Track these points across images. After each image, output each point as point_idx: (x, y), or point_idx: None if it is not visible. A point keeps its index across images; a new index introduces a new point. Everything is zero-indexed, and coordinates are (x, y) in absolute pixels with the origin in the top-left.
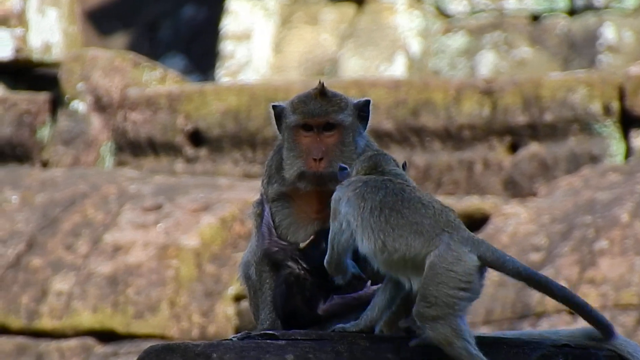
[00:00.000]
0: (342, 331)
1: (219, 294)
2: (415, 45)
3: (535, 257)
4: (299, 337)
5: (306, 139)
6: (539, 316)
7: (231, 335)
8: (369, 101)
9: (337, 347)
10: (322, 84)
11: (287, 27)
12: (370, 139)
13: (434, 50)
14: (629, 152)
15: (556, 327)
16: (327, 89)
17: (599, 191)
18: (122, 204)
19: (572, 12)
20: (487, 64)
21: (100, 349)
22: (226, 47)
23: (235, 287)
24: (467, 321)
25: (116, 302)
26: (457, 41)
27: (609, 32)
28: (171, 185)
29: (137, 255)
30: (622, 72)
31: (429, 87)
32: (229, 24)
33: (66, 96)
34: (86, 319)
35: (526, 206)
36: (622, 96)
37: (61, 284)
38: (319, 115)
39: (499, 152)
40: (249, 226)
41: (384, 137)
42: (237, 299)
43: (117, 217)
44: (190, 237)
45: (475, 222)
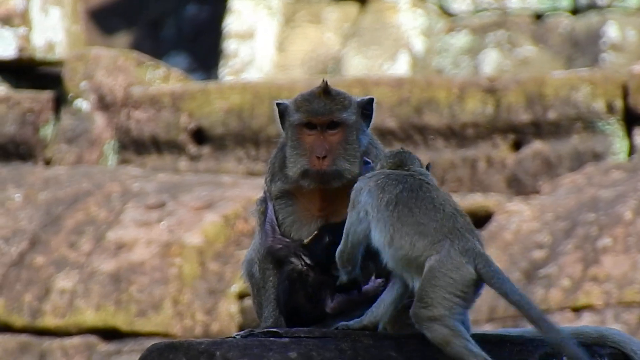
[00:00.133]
0: (345, 329)
1: (222, 292)
2: (418, 44)
3: (538, 254)
4: (303, 335)
5: (310, 137)
6: None
7: (234, 333)
8: (372, 99)
9: (340, 345)
10: (326, 82)
11: (290, 26)
12: (373, 137)
13: (437, 48)
14: (632, 150)
15: (559, 324)
16: (330, 87)
17: (602, 189)
18: (125, 202)
19: (575, 11)
20: (490, 62)
21: (103, 347)
22: (229, 45)
23: (238, 285)
24: (470, 318)
25: (119, 300)
26: (461, 40)
27: (612, 31)
28: (174, 183)
29: (140, 253)
30: (626, 71)
31: (432, 86)
32: (232, 23)
33: (69, 95)
34: (89, 317)
35: (529, 204)
36: (625, 94)
37: (64, 282)
38: (323, 114)
39: (502, 150)
40: (253, 224)
41: (388, 135)
42: (241, 296)
43: (120, 215)
44: (193, 235)
45: (478, 219)
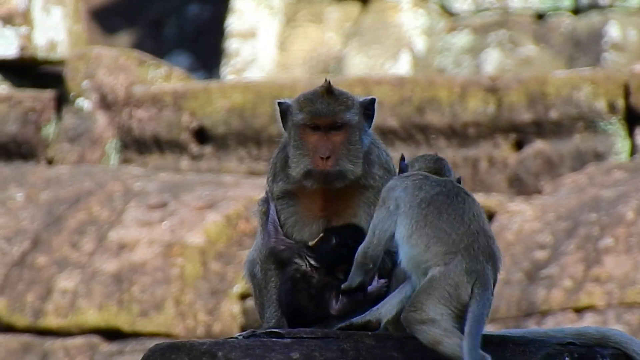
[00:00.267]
0: (348, 325)
1: (224, 292)
2: (420, 43)
3: (540, 254)
4: (305, 336)
5: (313, 137)
6: (544, 314)
7: (237, 333)
8: (374, 100)
9: (342, 346)
10: (329, 82)
11: (291, 26)
12: (375, 137)
13: (439, 48)
14: (634, 150)
15: (561, 325)
16: (333, 87)
17: (604, 189)
18: (127, 201)
19: (576, 11)
20: (492, 62)
21: (105, 347)
22: (231, 45)
23: (240, 285)
24: None
25: (121, 300)
26: (462, 39)
27: (614, 31)
28: (176, 182)
29: (142, 253)
30: (627, 70)
31: (434, 85)
32: (234, 22)
33: (71, 94)
34: (91, 317)
35: (531, 204)
36: (627, 94)
37: (66, 282)
38: (327, 115)
39: (504, 150)
40: (254, 224)
41: (389, 134)
42: (243, 297)
43: (122, 215)
44: (195, 235)
45: None
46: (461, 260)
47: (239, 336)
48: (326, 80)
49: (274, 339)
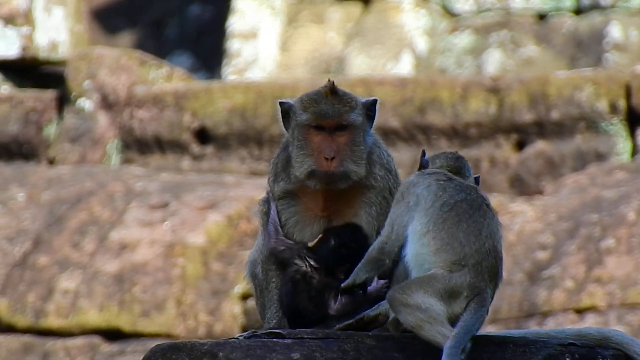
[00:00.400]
0: (359, 320)
1: (225, 293)
2: (421, 43)
3: (541, 255)
4: (306, 336)
5: (317, 137)
6: (546, 315)
7: (237, 334)
8: (376, 100)
9: (343, 346)
10: (333, 82)
11: (293, 26)
12: (376, 137)
13: (441, 48)
14: (635, 150)
15: (562, 326)
16: (337, 87)
17: (606, 189)
18: (128, 201)
19: (578, 11)
20: (493, 62)
21: (106, 347)
22: (233, 45)
23: (241, 286)
24: None
25: (122, 301)
26: (464, 40)
27: (615, 31)
28: (177, 183)
29: (144, 253)
30: (629, 71)
31: (435, 85)
32: (235, 23)
33: (72, 94)
34: (92, 317)
35: (533, 204)
36: (628, 94)
37: (67, 282)
38: (333, 116)
39: (505, 150)
40: (256, 224)
41: (391, 134)
42: (244, 297)
43: (123, 215)
44: (196, 235)
45: None
46: (466, 273)
47: (240, 337)
48: (330, 80)
49: (274, 340)
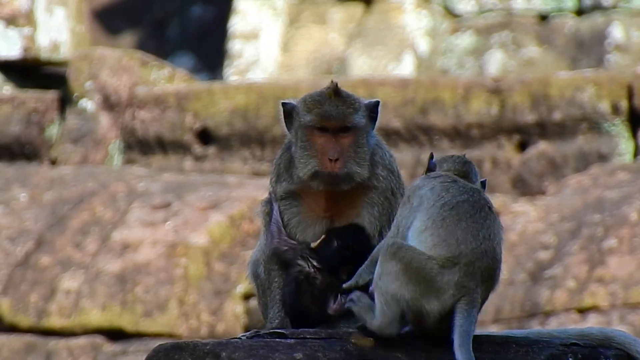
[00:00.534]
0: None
1: (227, 293)
2: (423, 44)
3: (544, 255)
4: (308, 336)
5: (321, 138)
6: (548, 315)
7: (240, 333)
8: (378, 102)
9: (346, 346)
10: (336, 84)
11: (295, 27)
12: (378, 138)
13: (442, 49)
14: (637, 151)
15: (565, 326)
16: (340, 89)
17: (608, 190)
18: (130, 202)
19: (580, 12)
20: (495, 63)
21: (109, 347)
22: (234, 46)
23: (244, 286)
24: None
25: (125, 301)
26: (465, 40)
27: (617, 32)
28: (180, 183)
29: (146, 253)
30: (631, 71)
31: (437, 86)
32: (237, 23)
33: (74, 95)
34: (95, 317)
35: (535, 205)
36: (630, 95)
37: (70, 282)
38: (337, 118)
39: (507, 151)
40: (258, 224)
41: (393, 135)
42: (246, 297)
43: (125, 215)
44: (199, 235)
45: None
46: (457, 272)
47: (243, 336)
48: (332, 81)
49: (277, 340)
